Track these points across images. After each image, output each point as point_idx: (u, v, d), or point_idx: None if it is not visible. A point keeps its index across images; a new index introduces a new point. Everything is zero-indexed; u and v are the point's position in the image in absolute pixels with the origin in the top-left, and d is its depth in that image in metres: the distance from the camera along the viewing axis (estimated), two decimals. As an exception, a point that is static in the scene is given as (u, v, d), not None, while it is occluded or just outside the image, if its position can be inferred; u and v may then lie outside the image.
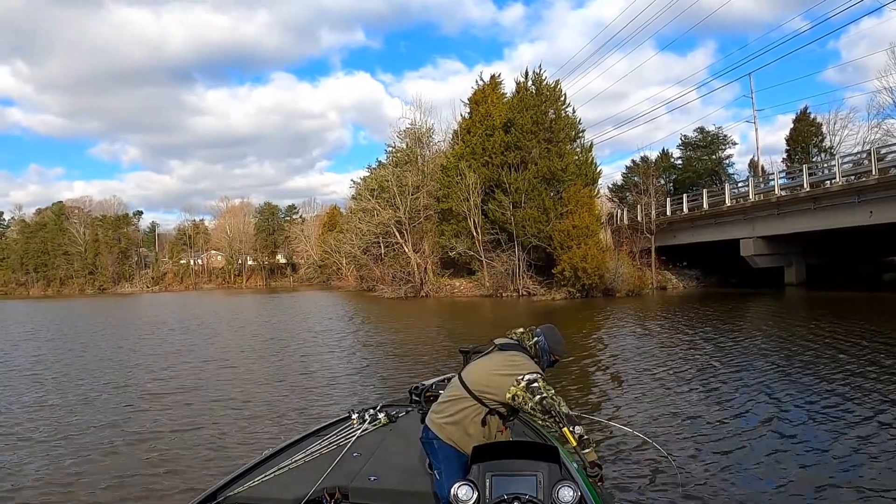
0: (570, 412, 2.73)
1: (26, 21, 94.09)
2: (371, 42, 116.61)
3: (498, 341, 3.03)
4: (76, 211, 75.75)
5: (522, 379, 2.74)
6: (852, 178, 22.28)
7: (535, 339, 3.00)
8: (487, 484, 2.37)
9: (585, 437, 2.69)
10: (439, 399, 3.05)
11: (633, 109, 70.90)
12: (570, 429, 2.64)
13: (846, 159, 24.04)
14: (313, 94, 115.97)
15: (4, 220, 78.89)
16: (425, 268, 35.86)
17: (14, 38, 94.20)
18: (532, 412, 2.75)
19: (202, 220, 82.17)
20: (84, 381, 10.83)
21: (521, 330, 3.08)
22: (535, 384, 2.72)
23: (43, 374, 11.87)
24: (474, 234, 32.21)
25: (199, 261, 78.23)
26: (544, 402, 2.69)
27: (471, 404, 2.82)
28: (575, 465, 2.89)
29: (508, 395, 2.75)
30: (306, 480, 3.03)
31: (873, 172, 20.61)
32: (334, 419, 4.15)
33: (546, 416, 2.70)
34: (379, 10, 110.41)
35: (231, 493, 3.00)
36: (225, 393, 9.34)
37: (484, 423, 2.82)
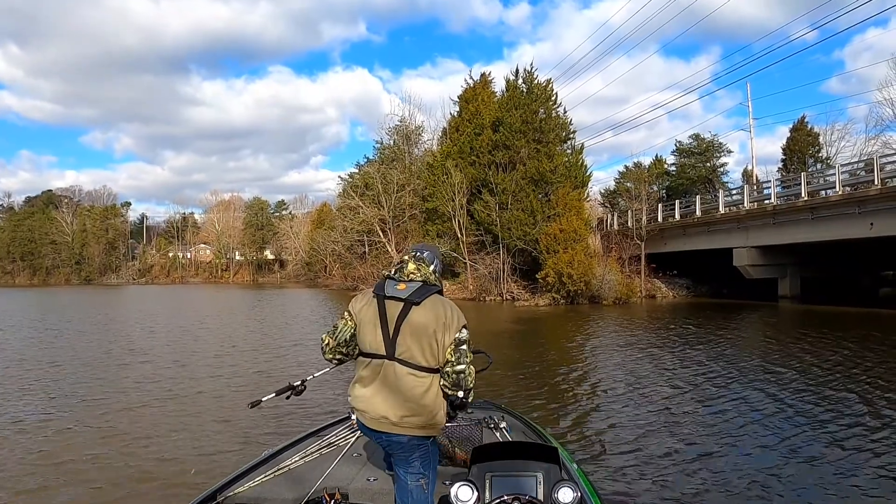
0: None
1: (21, 3, 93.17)
2: (372, 36, 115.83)
3: None
4: (65, 200, 74.74)
5: None
6: (847, 188, 21.29)
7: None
8: (487, 484, 2.37)
9: None
10: None
11: (634, 114, 69.92)
12: None
13: (845, 168, 23.05)
14: (311, 89, 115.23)
15: (-8, 207, 77.93)
16: (408, 268, 34.73)
17: (7, 20, 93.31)
18: None
19: (192, 213, 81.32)
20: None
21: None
22: None
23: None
24: (459, 234, 31.07)
25: (188, 254, 77.22)
26: None
27: None
28: (575, 465, 2.95)
29: None
30: (306, 480, 3.02)
31: (875, 183, 19.70)
32: (334, 419, 4.07)
33: None
34: (387, 3, 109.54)
35: (231, 494, 2.93)
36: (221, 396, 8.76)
37: None
